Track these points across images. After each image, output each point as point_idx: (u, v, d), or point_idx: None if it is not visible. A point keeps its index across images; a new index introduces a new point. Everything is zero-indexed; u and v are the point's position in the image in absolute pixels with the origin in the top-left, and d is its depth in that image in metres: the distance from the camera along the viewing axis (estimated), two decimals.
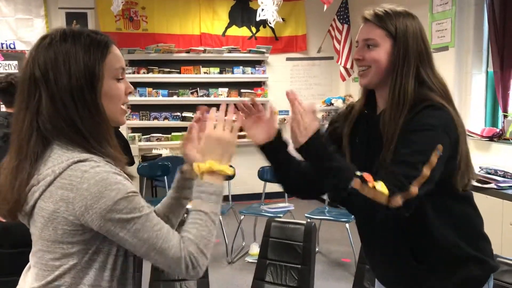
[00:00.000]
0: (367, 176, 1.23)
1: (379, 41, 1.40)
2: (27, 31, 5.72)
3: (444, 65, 4.18)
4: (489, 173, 3.64)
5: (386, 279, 1.57)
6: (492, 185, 3.46)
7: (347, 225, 4.09)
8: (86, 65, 1.06)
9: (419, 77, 1.38)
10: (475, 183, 3.44)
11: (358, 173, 1.24)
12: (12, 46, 5.69)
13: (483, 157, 4.07)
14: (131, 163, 4.06)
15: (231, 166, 1.19)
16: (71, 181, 1.01)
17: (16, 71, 5.54)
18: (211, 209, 1.13)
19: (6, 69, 5.60)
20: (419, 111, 1.32)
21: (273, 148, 1.46)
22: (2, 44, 5.67)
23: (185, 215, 1.16)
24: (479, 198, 1.49)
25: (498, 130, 4.21)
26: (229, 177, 1.18)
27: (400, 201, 1.20)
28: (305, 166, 1.42)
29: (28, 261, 1.17)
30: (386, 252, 1.48)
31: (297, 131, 1.30)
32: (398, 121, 1.33)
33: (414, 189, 1.22)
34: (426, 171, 1.23)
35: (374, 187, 1.20)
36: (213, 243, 1.12)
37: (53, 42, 1.08)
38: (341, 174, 1.26)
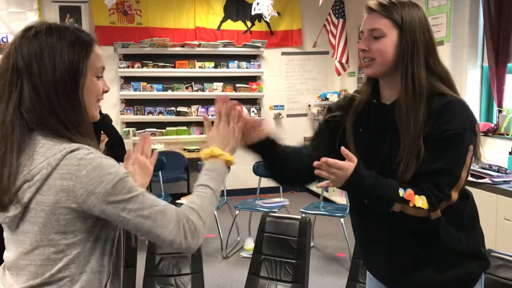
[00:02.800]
0: (408, 195, 1.29)
1: (385, 31, 1.37)
2: (20, 25, 5.52)
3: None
4: (484, 168, 3.64)
5: (383, 274, 1.55)
6: (487, 180, 3.46)
7: (342, 220, 4.09)
8: (71, 61, 1.09)
9: (428, 67, 1.38)
10: (470, 178, 3.45)
11: (401, 192, 1.29)
12: (5, 40, 5.64)
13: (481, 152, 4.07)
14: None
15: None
16: (69, 170, 1.04)
17: None
18: (216, 186, 1.21)
19: None
20: (441, 109, 1.33)
21: (268, 145, 1.47)
22: None
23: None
24: (473, 193, 1.49)
25: (493, 125, 4.22)
26: (229, 166, 1.26)
27: (439, 213, 1.29)
28: (293, 155, 1.51)
29: None
30: (386, 246, 1.47)
31: (336, 173, 1.29)
32: (419, 113, 1.34)
33: (455, 195, 1.30)
34: (464, 174, 1.31)
35: (414, 206, 1.28)
36: (212, 218, 1.20)
37: (38, 35, 1.09)
38: (381, 200, 1.32)
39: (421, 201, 1.27)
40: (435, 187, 1.29)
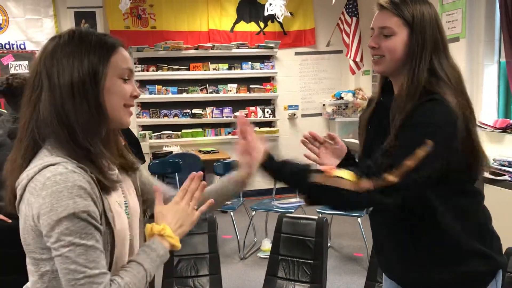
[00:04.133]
0: (326, 168, 1.28)
1: (395, 30, 1.37)
2: (37, 31, 5.76)
3: (455, 56, 4.06)
4: (503, 165, 3.58)
5: (393, 273, 1.56)
6: (506, 177, 3.41)
7: (359, 219, 4.07)
8: (91, 62, 1.07)
9: (431, 66, 1.37)
10: (488, 175, 3.40)
11: (318, 168, 1.29)
12: (22, 46, 5.74)
13: (496, 149, 4.01)
14: (142, 161, 4.08)
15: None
16: (36, 186, 1.01)
17: (27, 71, 5.59)
18: (151, 270, 1.10)
19: (17, 69, 5.65)
20: (420, 104, 1.32)
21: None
22: (12, 44, 5.72)
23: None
24: (492, 191, 1.48)
25: (511, 121, 4.15)
26: (171, 252, 1.16)
27: (368, 185, 1.22)
28: None
29: None
30: (394, 245, 1.48)
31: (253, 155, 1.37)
32: (405, 109, 1.33)
33: (391, 178, 1.23)
34: (409, 162, 1.23)
35: (335, 176, 1.24)
36: None
37: (61, 41, 1.09)
38: (296, 177, 1.34)
39: (342, 173, 1.25)
40: (372, 164, 1.28)
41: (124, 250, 1.14)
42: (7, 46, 5.70)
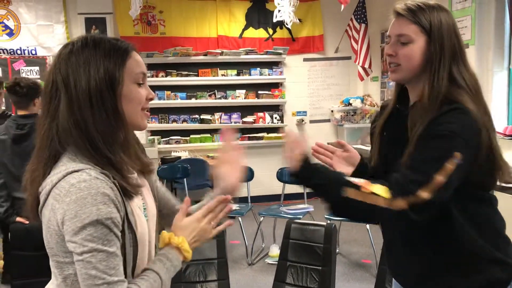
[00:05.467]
0: (359, 182, 1.24)
1: (413, 37, 1.35)
2: (48, 37, 5.83)
3: None
4: None
5: (407, 280, 1.55)
6: None
7: (367, 226, 4.05)
8: (106, 68, 1.07)
9: (451, 74, 1.35)
10: (498, 183, 3.38)
11: (349, 178, 1.25)
12: (33, 52, 5.80)
13: (506, 156, 3.98)
14: None
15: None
16: (60, 192, 1.02)
17: (38, 76, 5.65)
18: (166, 278, 1.12)
19: (28, 75, 5.71)
20: (444, 113, 1.30)
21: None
22: (24, 50, 5.79)
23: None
24: (504, 198, 1.48)
25: None
26: (182, 262, 1.19)
27: (403, 204, 1.20)
28: None
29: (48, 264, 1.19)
30: (409, 251, 1.47)
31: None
32: (426, 118, 1.31)
33: (424, 194, 1.20)
34: (440, 178, 1.21)
35: (371, 192, 1.21)
36: None
37: (74, 49, 1.09)
38: (328, 187, 1.29)
39: (377, 190, 1.21)
40: (403, 180, 1.24)
41: (144, 253, 1.16)
42: (18, 52, 5.77)
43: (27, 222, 2.62)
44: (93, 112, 1.06)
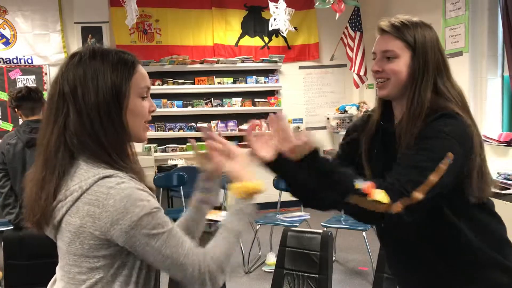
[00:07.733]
0: (366, 189, 1.23)
1: (398, 53, 1.38)
2: (44, 46, 5.84)
3: (459, 71, 4.16)
4: (508, 179, 3.58)
5: (409, 287, 1.55)
6: (511, 191, 3.41)
7: (364, 233, 4.06)
8: (114, 82, 1.09)
9: (436, 88, 1.37)
10: (493, 189, 3.39)
11: (358, 185, 1.23)
12: (30, 61, 5.81)
13: (501, 163, 4.01)
14: None
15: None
16: (97, 197, 1.04)
17: (34, 85, 5.65)
18: (242, 228, 1.20)
19: (24, 83, 5.70)
20: (435, 119, 1.32)
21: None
22: (20, 59, 5.79)
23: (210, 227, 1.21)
24: (498, 205, 1.48)
25: None
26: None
27: (400, 207, 1.21)
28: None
29: (42, 273, 1.20)
30: (411, 258, 1.47)
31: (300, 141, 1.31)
32: (413, 133, 1.33)
33: (418, 195, 1.21)
34: (433, 178, 1.23)
35: (374, 200, 1.21)
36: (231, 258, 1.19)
37: (82, 60, 1.10)
38: (338, 187, 1.26)
39: (379, 196, 1.21)
40: (399, 182, 1.24)
41: None
42: (14, 61, 5.78)
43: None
44: (102, 123, 1.08)
